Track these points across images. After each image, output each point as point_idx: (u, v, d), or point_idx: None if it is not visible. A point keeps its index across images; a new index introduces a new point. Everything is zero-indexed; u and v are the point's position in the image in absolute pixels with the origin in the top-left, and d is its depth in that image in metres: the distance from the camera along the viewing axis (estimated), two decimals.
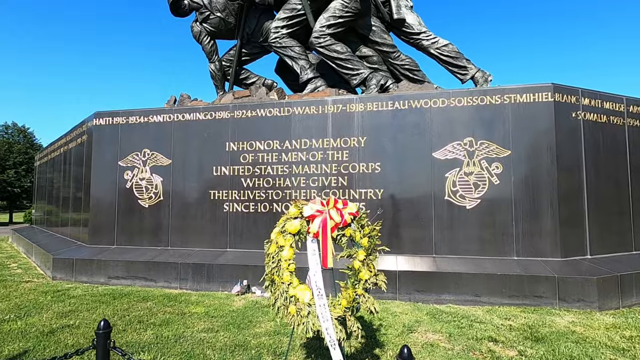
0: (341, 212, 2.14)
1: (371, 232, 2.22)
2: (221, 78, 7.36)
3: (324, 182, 5.32)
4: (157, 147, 5.98)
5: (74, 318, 3.83)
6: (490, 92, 4.98)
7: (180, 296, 4.76)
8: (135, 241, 5.92)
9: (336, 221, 2.11)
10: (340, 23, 6.05)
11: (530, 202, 4.78)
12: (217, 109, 5.84)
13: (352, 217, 2.18)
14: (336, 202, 2.17)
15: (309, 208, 2.14)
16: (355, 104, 5.34)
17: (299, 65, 6.40)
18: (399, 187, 5.10)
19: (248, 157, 5.62)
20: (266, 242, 2.24)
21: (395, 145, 5.15)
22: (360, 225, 2.21)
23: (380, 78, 6.12)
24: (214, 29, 7.06)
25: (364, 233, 2.21)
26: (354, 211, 2.18)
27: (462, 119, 5.00)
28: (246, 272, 5.03)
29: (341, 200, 2.20)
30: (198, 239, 5.69)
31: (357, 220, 2.21)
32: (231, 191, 5.63)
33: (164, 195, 5.88)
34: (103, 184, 6.20)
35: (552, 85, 4.85)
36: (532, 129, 4.84)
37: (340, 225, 2.14)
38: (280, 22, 6.41)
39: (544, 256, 4.68)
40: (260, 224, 5.48)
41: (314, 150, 5.40)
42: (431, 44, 6.33)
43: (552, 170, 4.75)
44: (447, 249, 4.90)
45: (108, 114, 6.28)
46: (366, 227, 2.22)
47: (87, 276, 5.58)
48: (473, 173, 4.91)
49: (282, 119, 5.55)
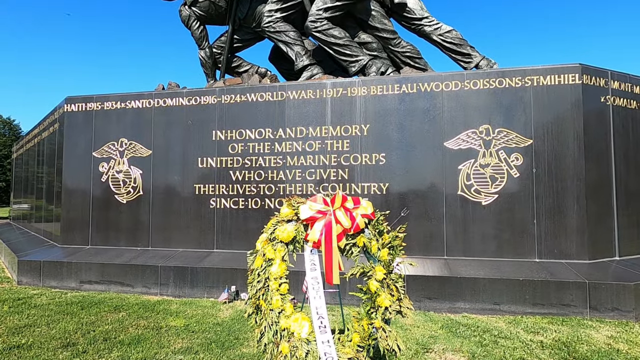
0: (351, 213, 1.58)
1: (393, 241, 1.66)
2: (212, 66, 6.80)
3: (322, 175, 4.75)
4: (135, 136, 5.36)
5: (28, 335, 3.25)
6: (509, 73, 4.42)
7: (159, 304, 4.19)
8: (111, 241, 5.32)
9: (345, 226, 1.55)
10: (338, 6, 5.52)
11: (553, 196, 4.26)
12: (202, 94, 5.22)
13: (366, 220, 1.62)
14: (344, 200, 1.61)
15: (307, 208, 1.58)
16: (357, 88, 4.76)
17: (294, 51, 5.85)
18: (407, 181, 4.55)
19: (237, 147, 5.03)
20: (249, 253, 1.67)
21: (402, 133, 4.59)
22: (378, 232, 1.65)
23: (381, 65, 5.62)
24: (203, 13, 6.50)
25: (383, 242, 1.65)
26: (368, 212, 1.62)
27: (478, 104, 4.45)
28: (235, 276, 4.47)
29: (350, 197, 1.64)
30: (182, 238, 5.11)
31: (373, 224, 1.65)
32: (218, 185, 5.04)
33: (143, 190, 5.28)
34: (76, 177, 5.57)
35: (580, 66, 4.30)
36: (556, 115, 4.30)
37: (351, 232, 1.58)
38: (274, 6, 5.89)
39: (569, 258, 4.18)
40: (251, 222, 4.90)
41: (310, 139, 4.82)
42: (434, 30, 5.81)
43: (579, 161, 4.23)
44: (461, 250, 4.37)
45: (81, 99, 5.63)
46: (386, 235, 1.66)
47: (56, 280, 4.98)
48: (490, 165, 4.37)
49: (275, 104, 4.96)
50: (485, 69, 5.56)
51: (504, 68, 4.60)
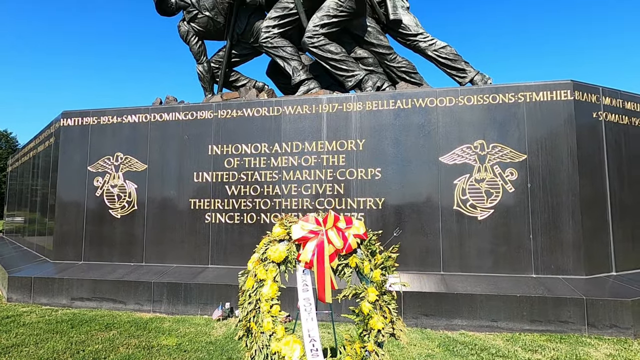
0: (343, 233, 1.57)
1: (385, 262, 1.64)
2: (209, 80, 6.89)
3: (318, 190, 4.75)
4: (131, 151, 5.35)
5: (15, 355, 3.17)
6: (502, 89, 4.48)
7: (151, 322, 4.11)
8: (105, 256, 5.25)
9: (337, 246, 1.53)
10: (335, 23, 5.63)
11: (549, 211, 4.26)
12: (198, 109, 5.25)
13: (358, 240, 1.61)
14: (336, 220, 1.60)
15: (299, 228, 1.57)
16: (352, 103, 4.80)
17: (291, 66, 5.94)
18: (402, 196, 4.55)
19: (233, 162, 5.03)
20: (240, 274, 1.65)
21: (397, 148, 4.61)
22: (370, 252, 1.64)
23: (377, 80, 5.70)
24: (202, 28, 6.62)
25: (376, 263, 1.63)
26: (360, 232, 1.61)
27: (472, 120, 4.49)
28: (229, 293, 4.40)
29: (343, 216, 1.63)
30: (176, 253, 5.05)
31: (365, 244, 1.64)
32: (214, 200, 5.01)
33: (138, 205, 5.24)
34: (70, 191, 5.53)
35: (572, 83, 4.37)
36: (550, 131, 4.34)
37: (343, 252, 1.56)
38: (271, 22, 6.00)
39: (566, 273, 4.16)
40: (246, 237, 4.87)
41: (306, 154, 4.83)
42: (429, 45, 5.93)
43: (573, 176, 4.25)
44: (457, 266, 4.34)
45: (77, 114, 5.64)
46: (378, 255, 1.65)
47: (47, 297, 4.88)
48: (485, 180, 4.39)
49: (272, 119, 4.98)
50: (480, 83, 5.66)
51: (497, 84, 4.66)
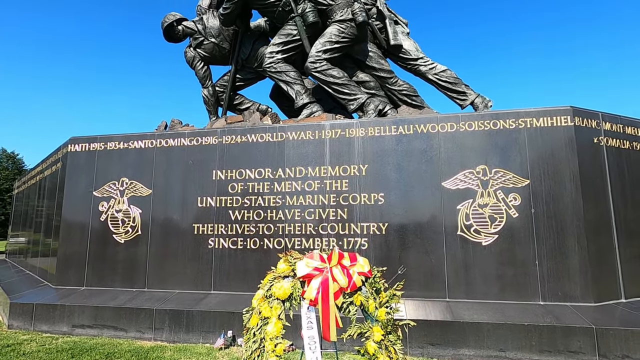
0: (348, 271, 1.57)
1: (390, 300, 1.64)
2: (214, 103, 7.07)
3: (321, 215, 4.75)
4: (136, 176, 5.42)
5: None
6: (503, 115, 4.54)
7: (152, 351, 4.05)
8: (107, 282, 5.22)
9: (341, 285, 1.53)
10: (337, 48, 5.81)
11: (554, 237, 4.23)
12: (203, 134, 5.34)
13: (363, 278, 1.61)
14: (341, 257, 1.60)
15: (304, 265, 1.57)
16: (355, 129, 4.88)
17: (294, 90, 6.10)
18: (406, 221, 4.54)
19: (237, 187, 5.06)
20: (245, 310, 1.64)
21: (400, 173, 4.64)
22: (375, 290, 1.63)
23: (379, 103, 5.82)
24: (207, 54, 6.85)
25: (381, 301, 1.63)
26: (365, 270, 1.61)
27: (474, 145, 4.54)
28: (232, 320, 4.35)
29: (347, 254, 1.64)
30: (178, 279, 5.02)
31: (369, 282, 1.64)
32: (217, 225, 5.02)
33: (142, 230, 5.25)
34: (75, 216, 5.56)
35: (572, 109, 4.43)
36: (551, 156, 4.37)
37: (348, 290, 1.56)
38: (275, 47, 6.21)
39: (574, 300, 4.09)
40: (249, 262, 4.85)
41: (310, 179, 4.86)
42: (429, 69, 6.08)
43: (577, 201, 4.24)
44: (463, 292, 4.29)
45: (85, 140, 5.75)
46: (383, 293, 1.64)
47: (48, 324, 4.83)
48: (488, 205, 4.39)
49: (275, 144, 5.05)
50: (480, 106, 5.74)
51: (497, 111, 4.73)
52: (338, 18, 5.82)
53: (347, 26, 5.79)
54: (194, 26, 6.80)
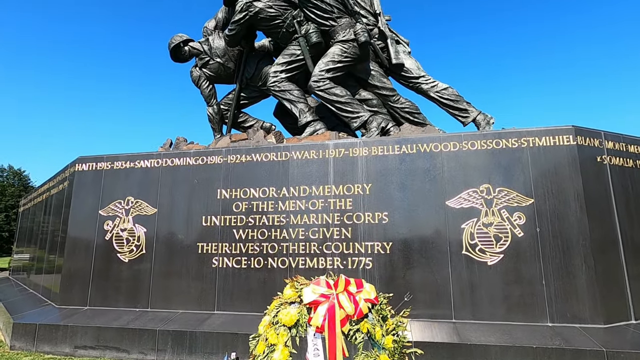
0: (354, 297, 1.57)
1: (397, 327, 1.63)
2: (219, 121, 7.21)
3: (325, 234, 4.75)
4: (142, 195, 5.46)
5: None
6: (505, 135, 4.58)
7: None
8: (110, 302, 5.20)
9: (348, 312, 1.54)
10: (339, 67, 5.95)
11: (560, 256, 4.20)
12: (209, 154, 5.40)
13: (369, 305, 1.61)
14: (347, 284, 1.61)
15: (311, 291, 1.58)
16: (358, 148, 4.92)
17: (298, 108, 6.23)
18: (410, 240, 4.53)
19: (241, 206, 5.09)
20: (251, 337, 1.64)
21: (403, 192, 4.65)
22: (382, 317, 1.63)
23: (381, 121, 5.90)
24: (213, 74, 7.03)
25: (387, 329, 1.62)
26: (372, 297, 1.62)
27: (477, 164, 4.56)
28: (235, 342, 4.30)
29: (354, 280, 1.64)
30: (182, 299, 4.99)
31: (376, 309, 1.64)
32: (221, 244, 5.03)
33: (146, 249, 5.26)
34: (80, 235, 5.59)
35: (573, 128, 4.46)
36: (555, 175, 4.38)
37: (354, 317, 1.56)
38: (279, 67, 6.38)
39: (583, 322, 4.02)
40: (253, 282, 4.82)
41: (314, 198, 4.89)
42: (431, 87, 6.19)
43: (582, 220, 4.22)
44: (469, 313, 4.23)
45: (92, 159, 5.83)
46: (390, 320, 1.64)
47: (50, 345, 4.79)
48: (493, 224, 4.37)
49: (280, 164, 5.10)
50: (482, 123, 5.81)
51: (499, 130, 4.77)
52: (341, 38, 5.96)
53: (349, 46, 5.92)
54: (200, 47, 6.99)
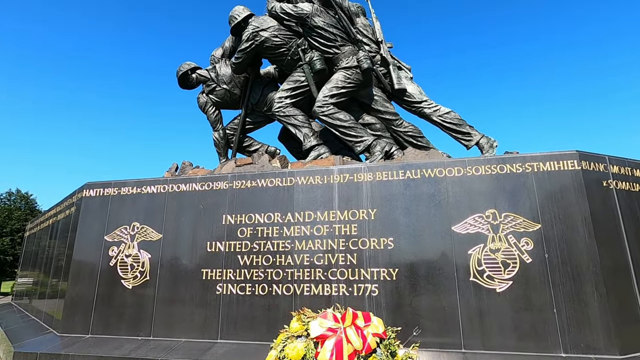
0: (362, 332, 1.55)
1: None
2: (224, 146, 7.35)
3: (331, 260, 4.71)
4: (147, 221, 5.48)
5: None
6: (509, 160, 4.60)
7: None
8: (112, 329, 5.12)
9: (355, 347, 1.51)
10: (343, 93, 6.11)
11: (570, 283, 4.11)
12: (214, 179, 5.46)
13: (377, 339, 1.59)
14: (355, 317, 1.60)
15: (318, 325, 1.56)
16: (363, 174, 4.95)
17: (302, 133, 6.35)
18: (416, 266, 4.47)
19: (246, 232, 5.08)
20: None
21: (409, 218, 4.64)
22: (390, 353, 1.60)
23: (385, 145, 5.98)
24: (219, 99, 7.23)
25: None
26: (380, 331, 1.60)
27: (482, 189, 4.55)
28: None
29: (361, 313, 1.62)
30: (185, 327, 4.91)
31: (385, 344, 1.61)
32: (226, 270, 4.99)
33: (150, 275, 5.23)
34: (85, 262, 5.58)
35: (577, 153, 4.47)
36: (561, 200, 4.35)
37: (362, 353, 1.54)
38: (284, 93, 6.56)
39: (598, 352, 3.88)
40: (257, 309, 4.74)
41: (318, 223, 4.88)
42: (433, 111, 6.31)
43: (591, 246, 4.16)
44: (479, 342, 4.10)
45: (100, 185, 5.90)
46: (399, 356, 1.61)
47: None
48: (500, 250, 4.32)
49: (285, 189, 5.13)
50: (486, 146, 5.85)
51: (502, 155, 4.79)
52: (344, 65, 6.14)
53: (352, 72, 6.09)
54: (207, 74, 7.22)
